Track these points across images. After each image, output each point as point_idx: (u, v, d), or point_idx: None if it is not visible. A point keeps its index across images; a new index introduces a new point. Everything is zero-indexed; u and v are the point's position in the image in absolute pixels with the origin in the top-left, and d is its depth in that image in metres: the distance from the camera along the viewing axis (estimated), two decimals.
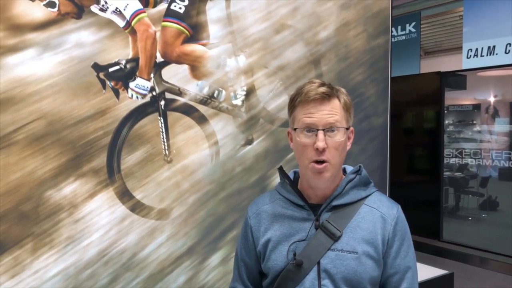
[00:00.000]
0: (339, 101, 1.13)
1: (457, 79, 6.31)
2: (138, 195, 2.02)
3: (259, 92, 2.39)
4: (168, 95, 2.08)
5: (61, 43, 1.80)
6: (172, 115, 2.10)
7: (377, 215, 1.16)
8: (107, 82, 1.91)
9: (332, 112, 1.11)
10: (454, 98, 6.89)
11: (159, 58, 2.04)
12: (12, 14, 1.68)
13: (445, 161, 6.22)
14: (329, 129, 1.10)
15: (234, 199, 2.32)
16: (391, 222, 1.16)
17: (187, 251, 2.17)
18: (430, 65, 7.82)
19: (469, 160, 6.20)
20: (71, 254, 1.85)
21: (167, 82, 2.07)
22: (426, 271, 2.61)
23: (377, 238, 1.14)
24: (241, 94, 2.32)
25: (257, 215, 1.24)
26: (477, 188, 6.34)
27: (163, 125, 2.07)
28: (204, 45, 2.17)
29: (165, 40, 2.05)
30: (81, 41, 1.85)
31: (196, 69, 2.15)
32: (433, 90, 6.12)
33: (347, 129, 1.14)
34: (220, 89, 2.25)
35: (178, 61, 2.10)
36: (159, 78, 2.05)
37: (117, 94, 1.94)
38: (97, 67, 1.88)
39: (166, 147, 2.09)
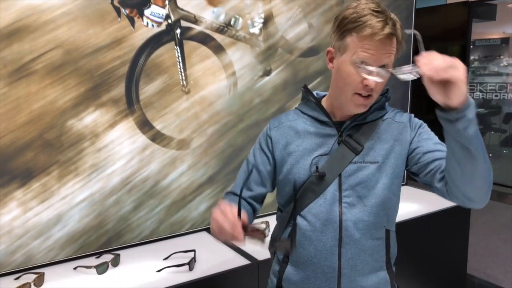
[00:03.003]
0: (397, 38, 1.07)
1: (486, 9, 5.97)
2: (158, 125, 2.04)
3: (277, 19, 2.31)
4: (183, 23, 2.03)
5: None
6: (188, 44, 2.06)
7: (394, 125, 1.20)
8: (122, 10, 1.87)
9: (389, 52, 1.06)
10: (481, 32, 6.57)
11: None
12: None
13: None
14: (383, 68, 1.06)
15: (253, 130, 2.32)
16: (406, 123, 1.20)
17: (208, 180, 2.22)
18: None
19: (494, 95, 6.04)
20: (96, 181, 1.91)
21: (182, 9, 2.01)
22: (443, 202, 2.63)
23: (395, 144, 1.17)
24: (258, 22, 2.25)
25: (279, 128, 1.25)
26: (500, 124, 6.22)
27: (179, 54, 2.04)
28: None
29: None
30: None
31: None
32: (460, 22, 5.83)
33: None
34: (237, 16, 2.18)
35: None
36: (174, 5, 1.99)
37: (132, 22, 1.90)
38: None
39: (184, 78, 2.07)
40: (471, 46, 6.12)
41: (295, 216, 1.19)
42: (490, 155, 6.29)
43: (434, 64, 0.86)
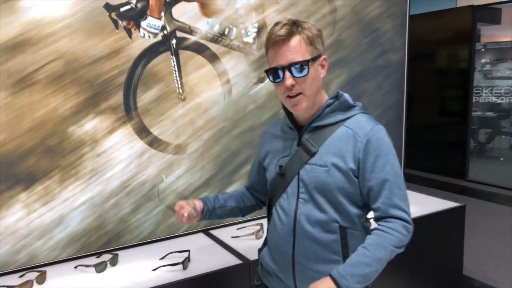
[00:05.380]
0: (301, 36, 1.19)
1: (490, 13, 5.96)
2: (155, 131, 2.13)
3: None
4: (179, 34, 2.13)
5: None
6: (184, 54, 2.16)
7: (350, 133, 1.26)
8: (119, 22, 1.97)
9: (293, 50, 1.19)
10: (492, 36, 6.54)
11: None
12: None
13: (477, 100, 6.05)
14: (293, 65, 1.18)
15: (248, 135, 2.40)
16: (362, 140, 1.23)
17: (204, 183, 2.31)
18: (468, 2, 7.37)
19: (507, 98, 5.99)
20: (96, 185, 2.01)
21: (177, 21, 2.12)
22: (437, 205, 2.66)
23: (346, 155, 1.24)
24: (252, 31, 2.34)
25: (264, 135, 1.49)
26: (510, 128, 6.17)
27: (175, 63, 2.14)
28: None
29: None
30: None
31: (206, 6, 2.18)
32: (465, 26, 5.84)
33: (313, 60, 1.21)
34: (231, 26, 2.27)
35: None
36: (170, 17, 2.09)
37: (129, 33, 2.01)
38: (108, 7, 1.94)
39: (179, 86, 2.17)
40: (482, 49, 6.11)
41: (271, 207, 1.39)
42: (501, 159, 6.25)
43: None
